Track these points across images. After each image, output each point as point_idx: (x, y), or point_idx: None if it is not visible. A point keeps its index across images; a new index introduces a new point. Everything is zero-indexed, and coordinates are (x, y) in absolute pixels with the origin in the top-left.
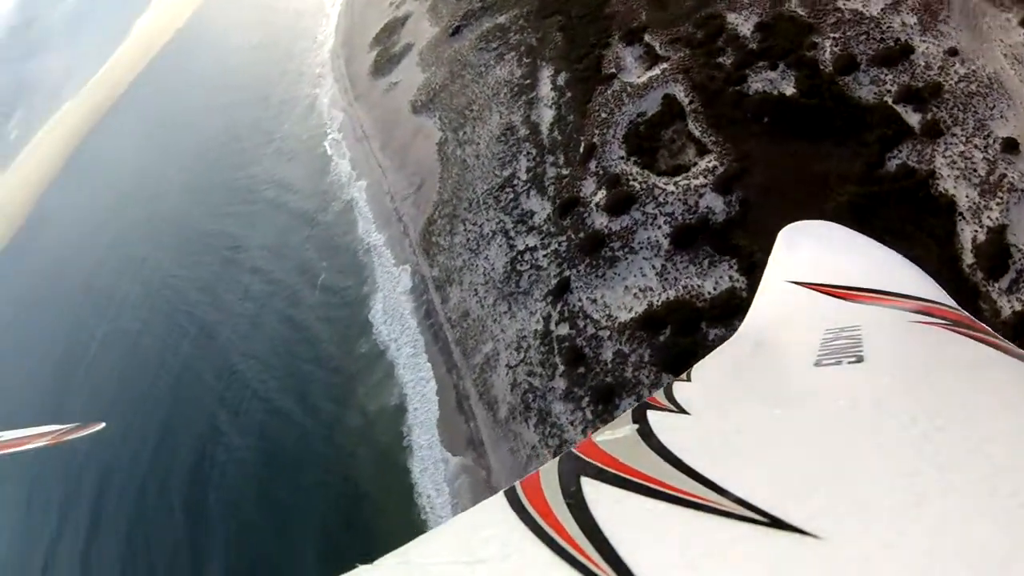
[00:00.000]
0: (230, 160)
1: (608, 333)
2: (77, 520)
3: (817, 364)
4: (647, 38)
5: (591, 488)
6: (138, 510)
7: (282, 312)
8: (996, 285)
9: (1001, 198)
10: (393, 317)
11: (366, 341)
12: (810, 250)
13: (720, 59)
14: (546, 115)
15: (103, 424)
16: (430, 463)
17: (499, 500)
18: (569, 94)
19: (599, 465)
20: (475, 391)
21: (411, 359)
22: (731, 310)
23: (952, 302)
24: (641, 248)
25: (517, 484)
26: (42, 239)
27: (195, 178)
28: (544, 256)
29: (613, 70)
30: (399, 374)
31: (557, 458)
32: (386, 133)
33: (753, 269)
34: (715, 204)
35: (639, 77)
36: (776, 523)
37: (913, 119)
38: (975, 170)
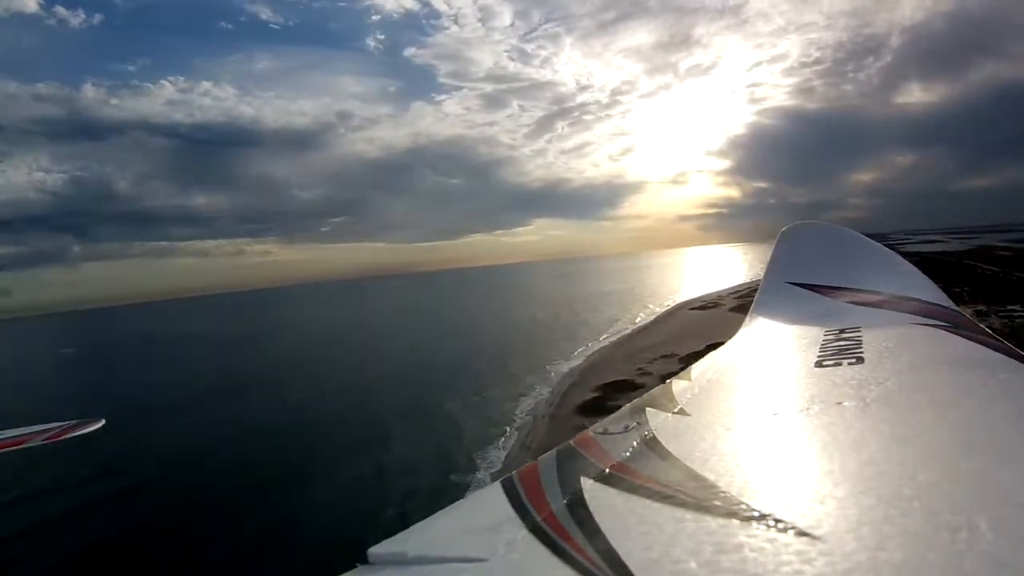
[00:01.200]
0: (448, 377)
1: None
2: None
3: (818, 365)
4: None
5: (590, 488)
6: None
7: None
8: None
9: None
10: None
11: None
12: (811, 252)
13: None
14: None
15: (103, 422)
16: None
17: (497, 493)
18: None
19: (599, 464)
20: None
21: None
22: None
23: (953, 304)
24: None
25: (514, 475)
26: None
27: (409, 363)
28: None
29: None
30: None
31: (555, 450)
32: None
33: None
34: None
35: None
36: (775, 523)
37: None
38: None
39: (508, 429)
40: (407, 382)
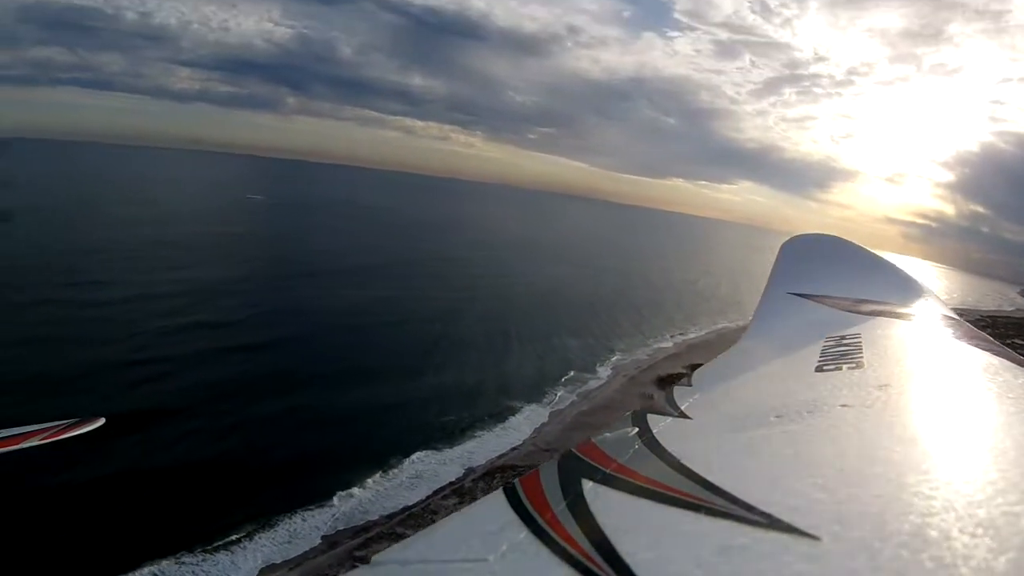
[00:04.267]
0: (588, 314)
1: None
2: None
3: (818, 369)
4: None
5: (591, 490)
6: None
7: None
8: None
9: None
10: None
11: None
12: (812, 263)
13: None
14: None
15: (103, 420)
16: None
17: (499, 498)
18: None
19: (600, 467)
20: None
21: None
22: None
23: (951, 312)
24: None
25: (517, 482)
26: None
27: (563, 288)
28: None
29: None
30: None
31: (557, 457)
32: (599, 407)
33: None
34: None
35: None
36: (775, 524)
37: None
38: None
39: (590, 376)
40: (550, 307)
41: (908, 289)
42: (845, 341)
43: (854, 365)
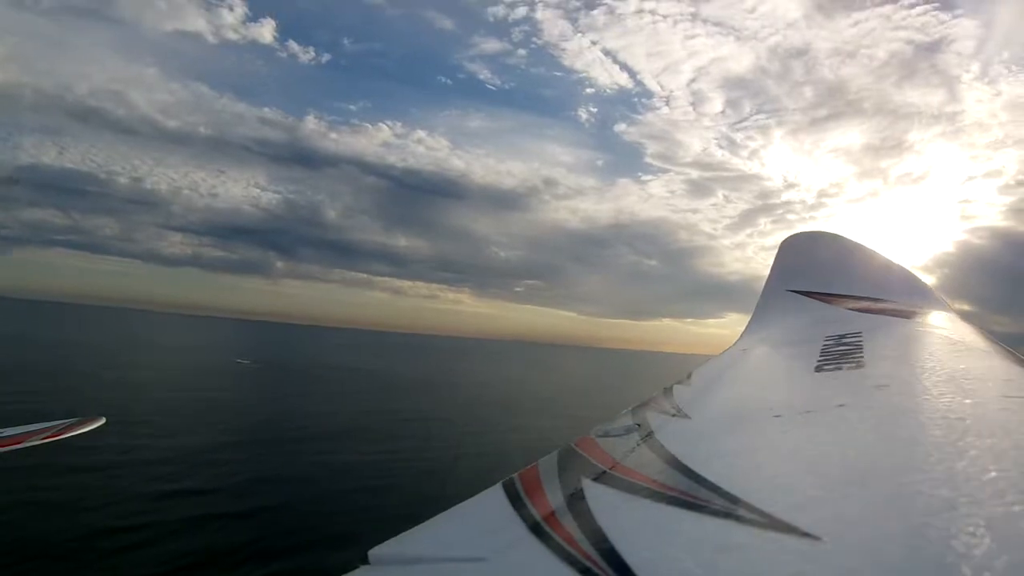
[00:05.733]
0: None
1: None
2: None
3: (818, 369)
4: None
5: (591, 488)
6: None
7: None
8: None
9: None
10: None
11: None
12: (811, 260)
13: None
14: None
15: (103, 420)
16: None
17: (498, 493)
18: None
19: (600, 465)
20: None
21: None
22: None
23: (953, 311)
24: None
25: (516, 476)
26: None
27: (552, 440)
28: None
29: None
30: None
31: (556, 452)
32: None
33: None
34: None
35: None
36: (775, 524)
37: None
38: None
39: None
40: (537, 458)
41: (910, 287)
42: (845, 340)
43: (854, 365)
